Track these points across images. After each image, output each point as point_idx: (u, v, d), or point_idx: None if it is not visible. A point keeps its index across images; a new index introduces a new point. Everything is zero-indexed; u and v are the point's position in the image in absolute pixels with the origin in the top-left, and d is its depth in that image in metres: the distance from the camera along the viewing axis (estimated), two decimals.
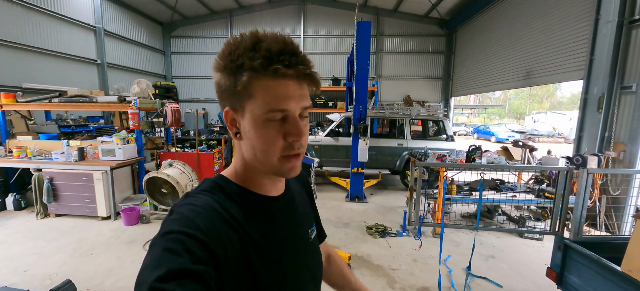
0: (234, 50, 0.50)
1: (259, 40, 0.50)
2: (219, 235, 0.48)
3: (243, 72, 0.50)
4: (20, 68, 6.41)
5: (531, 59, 6.72)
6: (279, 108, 0.51)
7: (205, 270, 0.43)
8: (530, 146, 4.93)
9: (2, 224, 4.13)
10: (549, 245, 3.75)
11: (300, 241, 0.67)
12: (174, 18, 11.41)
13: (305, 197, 0.79)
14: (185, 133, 8.61)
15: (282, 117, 0.52)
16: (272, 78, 0.50)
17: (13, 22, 6.28)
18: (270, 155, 0.53)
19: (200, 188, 0.57)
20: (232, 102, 0.54)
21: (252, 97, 0.51)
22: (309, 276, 0.67)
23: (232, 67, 0.50)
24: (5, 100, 4.71)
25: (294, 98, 0.51)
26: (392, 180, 7.20)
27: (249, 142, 0.54)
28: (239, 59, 0.50)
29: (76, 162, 4.29)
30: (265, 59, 0.48)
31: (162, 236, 0.46)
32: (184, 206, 0.51)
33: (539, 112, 25.82)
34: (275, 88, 0.50)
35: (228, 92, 0.53)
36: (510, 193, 4.13)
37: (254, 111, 0.51)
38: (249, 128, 0.53)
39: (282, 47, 0.50)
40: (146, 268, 0.42)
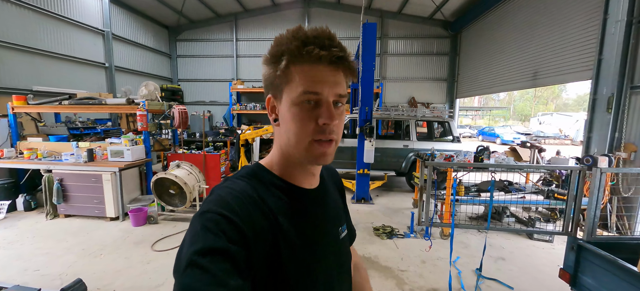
0: (278, 41, 0.55)
1: (299, 29, 0.54)
2: (252, 220, 0.51)
3: (282, 58, 0.54)
4: (31, 71, 6.52)
5: (538, 60, 6.67)
6: (313, 91, 0.53)
7: (236, 250, 0.46)
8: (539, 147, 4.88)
9: (12, 224, 4.19)
10: (559, 247, 3.69)
11: (330, 237, 0.67)
12: (180, 22, 11.55)
13: (338, 196, 0.79)
14: (191, 135, 8.67)
15: (315, 101, 0.54)
16: (309, 62, 0.53)
17: (26, 26, 6.41)
18: (302, 137, 0.55)
19: (239, 174, 0.60)
20: (273, 89, 0.57)
21: (290, 82, 0.54)
22: (336, 273, 0.67)
23: (275, 55, 0.55)
24: (16, 102, 4.80)
25: (327, 83, 0.54)
26: (398, 182, 7.17)
27: (285, 126, 0.57)
28: (280, 47, 0.54)
29: (85, 163, 4.34)
30: (302, 41, 0.52)
31: (200, 215, 0.49)
32: (223, 188, 0.55)
33: (545, 113, 25.56)
34: (310, 72, 0.53)
35: (270, 80, 0.57)
36: (519, 195, 4.08)
37: (290, 94, 0.54)
38: (284, 111, 0.56)
39: (319, 33, 0.53)
40: (185, 243, 0.47)
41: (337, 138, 0.57)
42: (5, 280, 2.71)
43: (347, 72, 0.56)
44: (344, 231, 0.73)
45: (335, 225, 0.70)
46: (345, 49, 0.55)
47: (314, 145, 0.55)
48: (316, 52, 0.52)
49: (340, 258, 0.70)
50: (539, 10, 6.68)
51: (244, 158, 5.44)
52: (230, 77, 12.13)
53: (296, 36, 0.53)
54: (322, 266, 0.62)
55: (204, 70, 12.35)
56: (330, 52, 0.52)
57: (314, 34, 0.53)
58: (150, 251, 3.46)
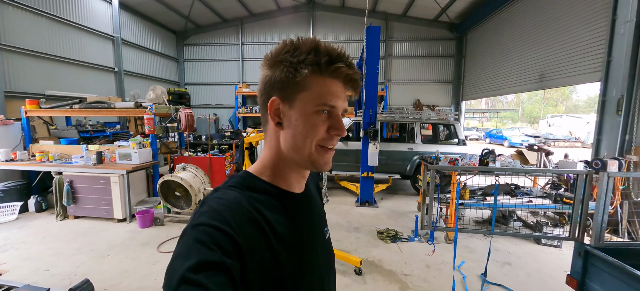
0: (293, 49, 0.56)
1: (318, 44, 0.57)
2: (245, 231, 0.50)
3: (304, 67, 0.56)
4: (44, 76, 6.73)
5: (545, 61, 6.58)
6: (330, 104, 0.57)
7: (231, 263, 0.45)
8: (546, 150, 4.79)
9: (24, 225, 4.31)
10: (567, 252, 3.62)
11: (319, 239, 0.69)
12: (187, 27, 11.76)
13: (318, 197, 0.81)
14: (197, 138, 8.78)
15: (329, 112, 0.58)
16: (329, 76, 0.57)
17: (39, 33, 6.63)
18: (310, 141, 0.58)
19: (229, 184, 0.60)
20: (282, 92, 0.58)
21: (306, 90, 0.56)
22: (326, 272, 0.69)
23: (293, 61, 0.56)
24: (29, 106, 4.95)
25: (340, 98, 0.58)
26: (403, 185, 7.12)
27: (292, 130, 0.58)
28: (301, 56, 0.56)
29: (94, 166, 4.44)
30: (329, 57, 0.56)
31: (193, 228, 0.48)
32: (214, 199, 0.54)
33: (554, 115, 25.10)
34: (329, 86, 0.57)
35: (281, 83, 0.57)
36: (526, 198, 4.01)
37: (305, 102, 0.57)
38: (297, 116, 0.57)
39: (340, 52, 0.57)
40: (178, 258, 0.44)
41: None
42: (17, 280, 2.79)
43: (352, 89, 0.60)
44: (327, 232, 0.75)
45: (321, 227, 0.72)
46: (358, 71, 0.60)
47: (320, 151, 0.58)
48: (343, 70, 0.56)
49: (328, 259, 0.72)
50: (545, 11, 6.60)
51: (248, 161, 5.49)
52: (236, 80, 12.27)
53: (320, 50, 0.56)
54: (316, 268, 0.64)
55: (210, 73, 12.53)
56: (354, 72, 0.58)
57: (336, 53, 0.57)
58: (156, 253, 3.52)
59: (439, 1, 9.31)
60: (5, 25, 5.90)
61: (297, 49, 0.56)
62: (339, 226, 4.41)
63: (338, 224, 4.51)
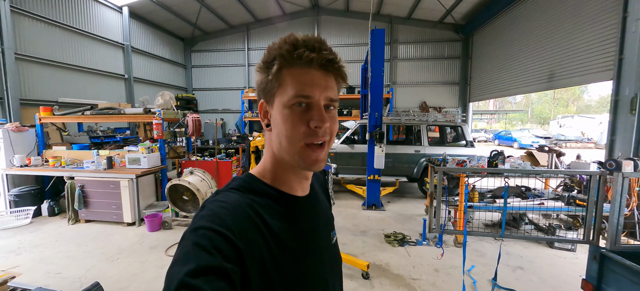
0: (270, 48, 0.56)
1: (290, 35, 0.56)
2: (245, 234, 0.49)
3: (274, 62, 0.55)
4: (57, 83, 6.93)
5: (554, 61, 6.45)
6: (304, 95, 0.53)
7: (231, 267, 0.44)
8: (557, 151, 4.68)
9: (37, 229, 4.41)
10: (582, 256, 3.51)
11: (324, 243, 0.67)
12: (194, 33, 11.98)
13: (325, 200, 0.79)
14: (205, 142, 8.88)
15: (307, 104, 0.54)
16: (299, 66, 0.54)
17: (53, 42, 6.84)
18: (294, 141, 0.55)
19: (230, 186, 0.58)
20: (265, 94, 0.58)
21: (281, 86, 0.55)
22: (331, 278, 0.67)
23: (267, 61, 0.56)
24: (43, 113, 5.10)
25: (318, 87, 0.54)
26: (410, 188, 7.04)
27: (277, 130, 0.57)
28: (272, 53, 0.55)
29: (105, 170, 4.53)
30: (292, 45, 0.54)
31: (192, 232, 0.47)
32: (214, 202, 0.53)
33: (565, 116, 24.53)
34: (301, 75, 0.54)
35: (262, 86, 0.58)
36: (537, 201, 3.92)
37: (282, 98, 0.55)
38: (276, 115, 0.56)
39: (309, 38, 0.55)
40: (177, 262, 0.43)
41: (329, 141, 0.58)
42: (30, 282, 2.85)
43: (338, 76, 0.57)
44: (334, 236, 0.73)
45: (327, 231, 0.70)
46: (336, 54, 0.55)
47: (307, 150, 0.55)
48: (306, 54, 0.53)
49: (334, 264, 0.69)
50: (553, 10, 6.50)
51: (254, 164, 5.52)
52: (242, 85, 12.41)
53: (287, 41, 0.54)
54: (319, 273, 0.62)
55: (217, 79, 12.71)
56: (321, 55, 0.53)
57: (304, 38, 0.55)
58: (164, 256, 3.55)
59: (444, 3, 9.27)
60: (22, 35, 6.12)
61: (272, 47, 0.56)
62: (346, 230, 4.38)
63: (344, 227, 4.48)
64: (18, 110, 5.77)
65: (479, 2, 9.05)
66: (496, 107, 32.84)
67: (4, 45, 5.55)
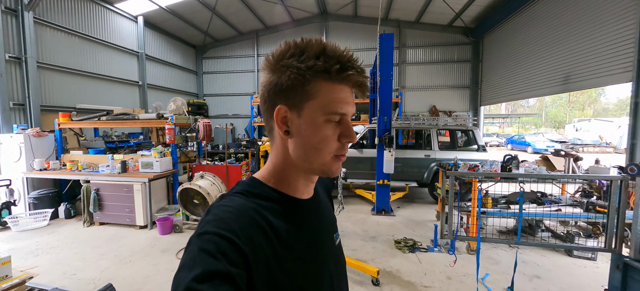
0: (299, 52, 0.53)
1: (325, 47, 0.53)
2: (252, 239, 0.49)
3: (313, 74, 0.52)
4: (75, 90, 7.21)
5: (569, 63, 6.28)
6: (340, 112, 0.55)
7: (237, 272, 0.44)
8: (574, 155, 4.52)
9: (54, 231, 4.55)
10: (604, 266, 3.35)
11: (329, 245, 0.67)
12: (205, 41, 12.28)
13: (328, 202, 0.78)
14: (215, 147, 9.02)
15: (338, 120, 0.56)
16: (337, 83, 0.54)
17: (72, 51, 7.15)
18: (324, 153, 0.56)
19: (234, 191, 0.58)
20: (287, 100, 0.55)
21: (314, 98, 0.53)
22: (337, 280, 0.66)
23: (301, 68, 0.52)
24: (62, 119, 5.30)
25: (349, 104, 0.56)
26: (420, 193, 6.93)
27: (301, 140, 0.56)
28: (309, 62, 0.52)
29: (119, 174, 4.65)
30: (340, 64, 0.52)
31: (198, 237, 0.47)
32: (219, 207, 0.53)
33: (582, 119, 23.75)
34: (338, 92, 0.54)
35: (287, 91, 0.54)
36: (554, 207, 3.78)
37: (314, 111, 0.54)
38: (306, 126, 0.55)
39: (349, 56, 0.54)
40: (183, 267, 0.44)
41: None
42: (47, 283, 2.93)
43: (359, 93, 0.58)
44: (338, 238, 0.73)
45: (331, 233, 0.70)
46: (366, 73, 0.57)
47: (334, 161, 0.57)
48: (353, 76, 0.53)
49: (339, 266, 0.69)
50: (567, 11, 6.35)
51: None
52: (251, 90, 12.60)
53: (329, 55, 0.52)
54: (325, 276, 0.62)
55: (227, 85, 12.95)
56: (365, 77, 0.55)
57: (346, 57, 0.53)
58: (175, 259, 3.59)
59: (453, 6, 9.19)
60: (43, 45, 6.41)
61: (303, 52, 0.52)
62: (355, 235, 4.33)
63: (354, 233, 4.44)
64: (39, 116, 6.02)
65: (489, 5, 8.94)
66: (508, 110, 32.11)
67: (27, 55, 5.83)
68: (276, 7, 10.46)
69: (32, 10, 5.91)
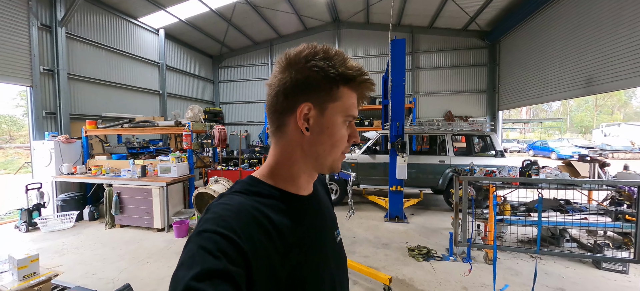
0: (325, 56, 0.58)
1: (347, 57, 0.61)
2: (252, 237, 0.49)
3: (341, 79, 0.59)
4: (101, 100, 7.65)
5: (592, 64, 5.98)
6: (353, 114, 0.62)
7: (236, 271, 0.44)
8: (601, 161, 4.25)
9: (79, 232, 4.79)
10: (636, 280, 3.12)
11: (330, 242, 0.67)
12: (222, 51, 12.72)
13: (327, 199, 0.78)
14: (230, 153, 9.24)
15: (350, 121, 0.63)
16: (353, 89, 0.61)
17: (99, 63, 7.63)
18: (337, 151, 0.62)
19: (234, 190, 0.59)
20: (312, 98, 0.58)
21: (338, 100, 0.59)
22: (338, 277, 0.66)
23: (330, 71, 0.57)
24: (89, 126, 5.63)
25: (356, 108, 0.63)
26: (435, 200, 6.75)
27: (322, 137, 0.60)
28: (339, 67, 0.58)
29: (139, 179, 4.86)
30: (361, 73, 0.60)
31: (197, 235, 0.48)
32: (219, 205, 0.53)
33: (610, 124, 22.38)
34: (352, 97, 0.62)
35: (314, 90, 0.58)
36: (579, 216, 3.57)
37: (336, 112, 0.60)
38: (328, 125, 0.60)
39: (363, 68, 0.61)
40: (182, 266, 0.44)
41: None
42: (70, 281, 3.08)
43: (364, 100, 0.66)
44: (338, 235, 0.73)
45: (331, 230, 0.70)
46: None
47: (341, 158, 0.64)
48: (368, 88, 0.62)
49: (340, 262, 0.69)
50: (588, 10, 6.08)
51: None
52: (265, 98, 12.84)
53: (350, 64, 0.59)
54: (326, 271, 0.62)
55: (242, 92, 13.30)
56: (373, 89, 0.64)
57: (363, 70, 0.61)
58: None
59: (467, 10, 9.04)
60: (74, 57, 6.88)
61: (329, 58, 0.57)
62: (367, 242, 4.27)
63: (366, 240, 4.37)
64: (68, 124, 6.42)
65: (505, 7, 8.72)
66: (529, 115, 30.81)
67: (59, 67, 6.27)
68: (290, 17, 10.70)
69: (64, 26, 6.37)
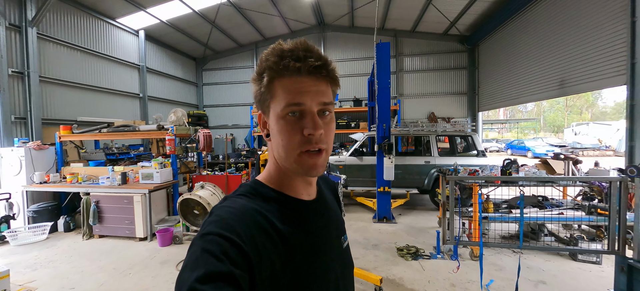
0: (260, 60, 0.58)
1: (277, 45, 0.56)
2: (254, 239, 0.49)
3: (264, 74, 0.56)
4: (77, 104, 7.27)
5: (563, 67, 6.37)
6: (295, 103, 0.54)
7: (239, 273, 0.44)
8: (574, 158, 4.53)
9: (53, 244, 4.50)
10: (609, 270, 3.31)
11: (335, 247, 0.67)
12: (205, 53, 12.45)
13: (335, 205, 0.78)
14: (215, 157, 9.03)
15: (299, 112, 0.55)
16: (288, 76, 0.54)
17: (74, 65, 7.25)
18: (290, 150, 0.56)
19: (237, 193, 0.59)
20: (261, 105, 0.60)
21: (274, 97, 0.56)
22: (342, 283, 0.66)
23: (259, 73, 0.57)
24: (63, 132, 5.32)
25: (309, 93, 0.54)
26: (421, 200, 6.90)
27: (275, 140, 0.58)
28: (262, 65, 0.57)
29: (119, 186, 4.64)
30: (278, 57, 0.54)
31: (201, 237, 0.48)
32: (223, 208, 0.53)
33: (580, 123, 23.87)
34: (291, 85, 0.54)
35: (257, 97, 0.59)
36: (556, 211, 3.77)
37: (275, 109, 0.56)
38: (273, 126, 0.58)
39: (295, 45, 0.55)
40: (186, 268, 0.44)
41: (327, 148, 0.58)
42: None
43: (329, 80, 0.57)
44: (346, 240, 0.72)
45: (337, 235, 0.69)
46: (325, 58, 0.56)
47: (304, 157, 0.56)
48: (292, 64, 0.53)
49: (346, 268, 0.69)
50: (560, 16, 6.48)
51: None
52: (251, 101, 12.69)
53: (274, 52, 0.55)
54: (330, 277, 0.61)
55: (227, 95, 13.07)
56: (307, 62, 0.53)
57: (290, 47, 0.55)
58: (175, 271, 3.55)
59: (447, 15, 9.37)
60: (46, 59, 6.50)
61: (262, 58, 0.57)
62: (357, 244, 4.29)
63: (355, 241, 4.40)
64: (40, 129, 6.05)
65: (483, 13, 9.12)
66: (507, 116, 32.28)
67: (30, 69, 5.90)
68: (275, 19, 10.66)
69: (35, 26, 6.02)
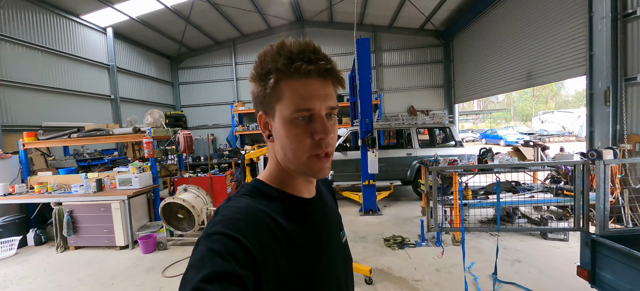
0: (263, 58, 0.55)
1: (283, 45, 0.54)
2: (260, 239, 0.50)
3: (270, 76, 0.54)
4: (41, 108, 6.74)
5: (530, 60, 6.80)
6: (305, 108, 0.53)
7: (245, 273, 0.44)
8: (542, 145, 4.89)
9: (24, 260, 4.20)
10: (575, 246, 3.62)
11: (335, 243, 0.68)
12: (180, 51, 11.95)
13: (332, 201, 0.79)
14: (196, 159, 8.75)
15: (309, 116, 0.54)
16: (297, 78, 0.53)
17: (35, 66, 6.69)
18: (299, 153, 0.55)
19: (241, 192, 0.59)
20: (263, 106, 0.58)
21: (281, 99, 0.54)
22: (344, 278, 0.68)
23: (262, 73, 0.55)
24: (27, 138, 4.93)
25: (318, 98, 0.54)
26: (405, 191, 7.13)
27: (280, 143, 0.57)
28: (266, 65, 0.54)
29: (94, 193, 4.40)
30: (288, 59, 0.52)
31: (207, 237, 0.48)
32: (227, 208, 0.53)
33: (546, 112, 25.60)
34: (300, 88, 0.53)
35: (260, 98, 0.57)
36: (528, 194, 4.06)
37: (282, 112, 0.54)
38: (279, 128, 0.56)
39: (303, 47, 0.53)
40: (191, 268, 0.44)
41: (332, 150, 0.58)
42: None
43: (335, 83, 0.56)
44: (344, 236, 0.74)
45: (337, 231, 0.71)
46: (332, 60, 0.55)
47: (313, 160, 0.56)
48: (304, 67, 0.51)
49: (346, 263, 0.71)
50: (525, 11, 6.89)
51: (250, 177, 5.46)
52: (231, 99, 12.39)
53: (281, 52, 0.53)
54: (333, 273, 0.63)
55: (206, 94, 12.66)
56: (318, 65, 0.52)
57: (299, 49, 0.53)
58: (161, 278, 3.44)
59: (423, 10, 9.65)
60: (2, 60, 5.96)
61: (265, 57, 0.54)
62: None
63: None
64: (0, 137, 5.56)
65: (455, 9, 9.49)
66: (480, 107, 33.92)
67: None
68: (253, 16, 10.44)
69: None
